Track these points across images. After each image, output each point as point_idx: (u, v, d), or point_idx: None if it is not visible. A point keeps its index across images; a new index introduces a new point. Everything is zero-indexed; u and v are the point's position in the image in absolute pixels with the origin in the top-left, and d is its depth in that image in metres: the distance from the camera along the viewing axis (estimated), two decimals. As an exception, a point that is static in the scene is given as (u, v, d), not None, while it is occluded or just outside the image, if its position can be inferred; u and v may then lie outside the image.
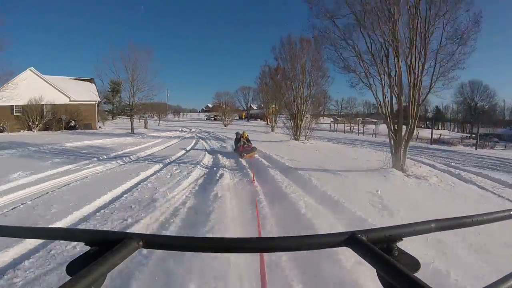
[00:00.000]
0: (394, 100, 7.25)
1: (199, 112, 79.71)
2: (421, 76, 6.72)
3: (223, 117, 42.56)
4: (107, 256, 0.39)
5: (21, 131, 19.75)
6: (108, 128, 26.51)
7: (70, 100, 22.78)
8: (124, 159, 8.89)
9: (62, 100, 22.30)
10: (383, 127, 12.62)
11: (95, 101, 24.77)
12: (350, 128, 37.72)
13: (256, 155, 9.47)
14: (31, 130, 20.13)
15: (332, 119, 51.04)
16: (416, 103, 6.91)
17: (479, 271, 2.51)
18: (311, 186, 5.35)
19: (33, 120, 20.16)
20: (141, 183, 5.85)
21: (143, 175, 6.64)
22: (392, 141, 7.30)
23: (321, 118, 35.74)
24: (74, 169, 7.12)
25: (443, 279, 2.32)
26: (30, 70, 20.60)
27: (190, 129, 28.93)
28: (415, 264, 0.41)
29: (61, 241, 2.74)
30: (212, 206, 4.23)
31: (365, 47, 7.30)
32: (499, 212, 0.55)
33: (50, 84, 21.39)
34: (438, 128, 52.98)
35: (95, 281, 0.36)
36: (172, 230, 3.52)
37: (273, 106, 24.45)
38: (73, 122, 22.56)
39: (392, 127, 7.26)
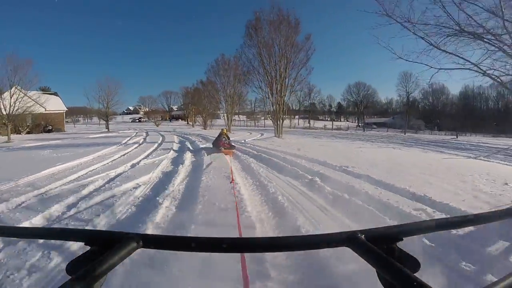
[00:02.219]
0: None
1: (121, 114, 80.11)
2: (283, 94, 17.05)
3: (155, 119, 47.69)
4: (107, 256, 0.38)
5: (12, 134, 24.79)
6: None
7: (45, 110, 28.06)
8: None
9: (40, 110, 27.55)
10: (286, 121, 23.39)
11: (63, 110, 30.50)
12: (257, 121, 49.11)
13: (234, 152, 9.42)
14: (20, 133, 25.25)
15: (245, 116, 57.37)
16: (282, 108, 17.17)
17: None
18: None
19: (22, 126, 25.32)
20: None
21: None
22: (275, 126, 17.52)
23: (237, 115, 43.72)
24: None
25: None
26: (16, 87, 25.77)
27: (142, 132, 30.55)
28: (415, 264, 0.41)
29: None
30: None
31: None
32: (499, 211, 0.55)
33: (30, 98, 26.65)
34: (341, 120, 67.20)
35: (96, 281, 0.36)
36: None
37: (194, 108, 33.50)
38: (50, 126, 28.04)
39: (276, 119, 17.42)
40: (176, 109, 69.53)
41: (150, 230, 3.03)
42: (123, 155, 8.96)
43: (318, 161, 7.06)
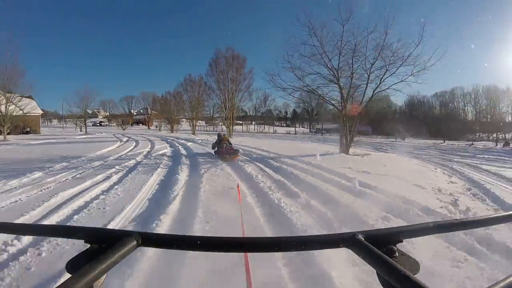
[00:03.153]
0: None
1: (79, 118, 77.70)
2: (233, 108, 23.46)
3: (120, 123, 51.89)
4: (107, 254, 0.39)
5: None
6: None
7: (24, 113, 31.34)
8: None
9: (19, 113, 30.87)
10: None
11: (39, 113, 33.86)
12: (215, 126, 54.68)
13: (239, 156, 9.71)
14: (1, 134, 28.40)
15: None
16: (232, 117, 23.50)
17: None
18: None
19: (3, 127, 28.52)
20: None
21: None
22: (228, 129, 23.77)
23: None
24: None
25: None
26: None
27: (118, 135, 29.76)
28: (416, 266, 0.41)
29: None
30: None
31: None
32: (501, 214, 0.54)
33: (11, 102, 29.94)
34: (296, 126, 72.05)
35: (96, 279, 0.36)
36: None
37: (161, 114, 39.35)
38: (28, 128, 31.31)
39: (228, 125, 23.66)
40: (135, 114, 71.72)
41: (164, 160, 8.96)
42: (134, 146, 14.25)
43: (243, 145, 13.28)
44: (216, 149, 10.57)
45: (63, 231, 0.54)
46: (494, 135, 38.35)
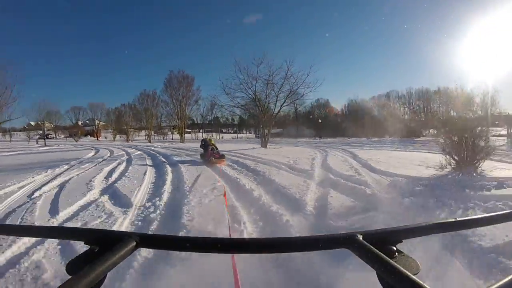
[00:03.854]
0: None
1: (21, 131, 73.51)
2: (184, 119, 28.48)
3: (73, 135, 52.51)
4: (107, 256, 0.39)
5: None
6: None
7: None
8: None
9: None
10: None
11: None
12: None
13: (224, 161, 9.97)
14: None
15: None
16: (184, 126, 28.46)
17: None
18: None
19: None
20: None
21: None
22: (180, 137, 28.66)
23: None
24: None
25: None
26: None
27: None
28: (415, 266, 0.41)
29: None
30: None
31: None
32: (499, 214, 0.55)
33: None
34: (243, 132, 73.60)
35: (96, 280, 0.36)
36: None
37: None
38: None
39: (180, 134, 28.57)
40: (82, 125, 71.13)
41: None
42: (111, 153, 18.28)
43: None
44: (202, 153, 11.04)
45: (62, 232, 0.55)
46: (428, 132, 43.21)
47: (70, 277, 0.36)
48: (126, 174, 8.56)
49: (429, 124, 46.01)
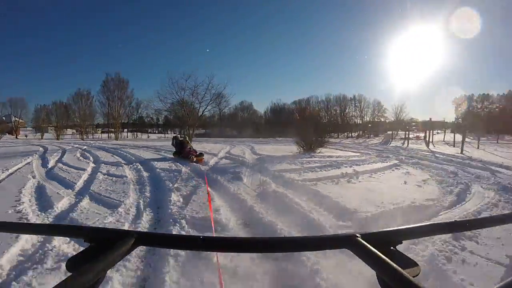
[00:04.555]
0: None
1: None
2: (119, 118, 31.98)
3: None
4: (107, 253, 0.39)
5: None
6: None
7: None
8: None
9: None
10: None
11: None
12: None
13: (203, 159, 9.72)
14: None
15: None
16: (118, 125, 31.90)
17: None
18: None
19: None
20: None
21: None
22: (115, 134, 31.99)
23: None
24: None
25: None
26: None
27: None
28: (415, 267, 0.41)
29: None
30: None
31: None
32: (499, 216, 0.55)
33: None
34: (168, 133, 75.53)
35: (96, 278, 0.37)
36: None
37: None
38: None
39: (115, 132, 31.91)
40: (-3, 121, 65.63)
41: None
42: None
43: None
44: (176, 151, 10.59)
45: (62, 230, 0.55)
46: (344, 134, 48.95)
47: (70, 274, 0.36)
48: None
49: (344, 127, 54.25)
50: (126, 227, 3.76)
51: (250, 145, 17.92)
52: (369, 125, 53.33)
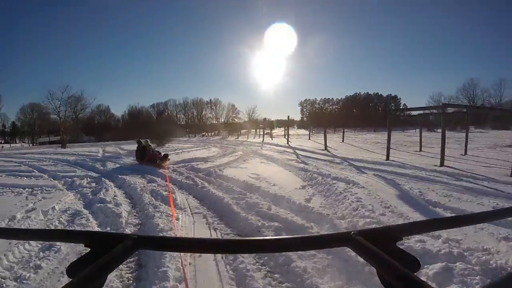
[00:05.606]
0: None
1: None
2: None
3: None
4: (107, 257, 0.39)
5: None
6: None
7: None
8: None
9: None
10: None
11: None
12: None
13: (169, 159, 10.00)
14: None
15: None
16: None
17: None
18: None
19: None
20: None
21: None
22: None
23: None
24: None
25: None
26: None
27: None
28: (415, 264, 0.41)
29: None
30: None
31: None
32: (498, 211, 0.55)
33: None
34: (16, 142, 65.88)
35: (96, 282, 0.36)
36: None
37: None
38: None
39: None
40: None
41: None
42: None
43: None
44: (139, 156, 10.44)
45: (62, 235, 0.54)
46: (201, 134, 52.61)
47: (70, 279, 0.36)
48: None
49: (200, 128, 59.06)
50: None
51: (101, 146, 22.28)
52: (224, 125, 60.24)
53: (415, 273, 0.35)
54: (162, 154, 10.25)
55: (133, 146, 12.43)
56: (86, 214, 4.60)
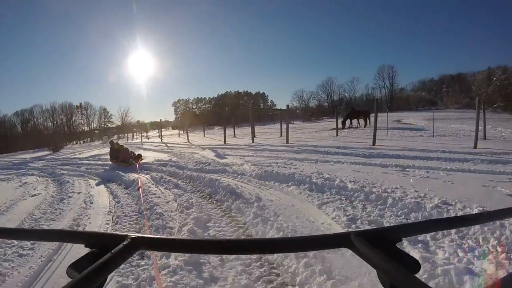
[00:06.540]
0: None
1: None
2: None
3: None
4: (108, 258, 0.39)
5: None
6: None
7: None
8: None
9: None
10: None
11: None
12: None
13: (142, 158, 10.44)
14: None
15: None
16: None
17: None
18: None
19: None
20: None
21: None
22: None
23: None
24: None
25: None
26: None
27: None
28: (415, 265, 0.40)
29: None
30: None
31: None
32: (499, 211, 0.55)
33: None
34: None
35: (96, 283, 0.36)
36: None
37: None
38: None
39: None
40: None
41: None
42: None
43: None
44: (113, 156, 10.54)
45: (62, 235, 0.54)
46: (74, 143, 47.27)
47: (70, 280, 0.35)
48: None
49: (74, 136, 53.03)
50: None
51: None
52: (96, 131, 57.50)
53: (415, 274, 0.35)
54: (136, 154, 10.97)
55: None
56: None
